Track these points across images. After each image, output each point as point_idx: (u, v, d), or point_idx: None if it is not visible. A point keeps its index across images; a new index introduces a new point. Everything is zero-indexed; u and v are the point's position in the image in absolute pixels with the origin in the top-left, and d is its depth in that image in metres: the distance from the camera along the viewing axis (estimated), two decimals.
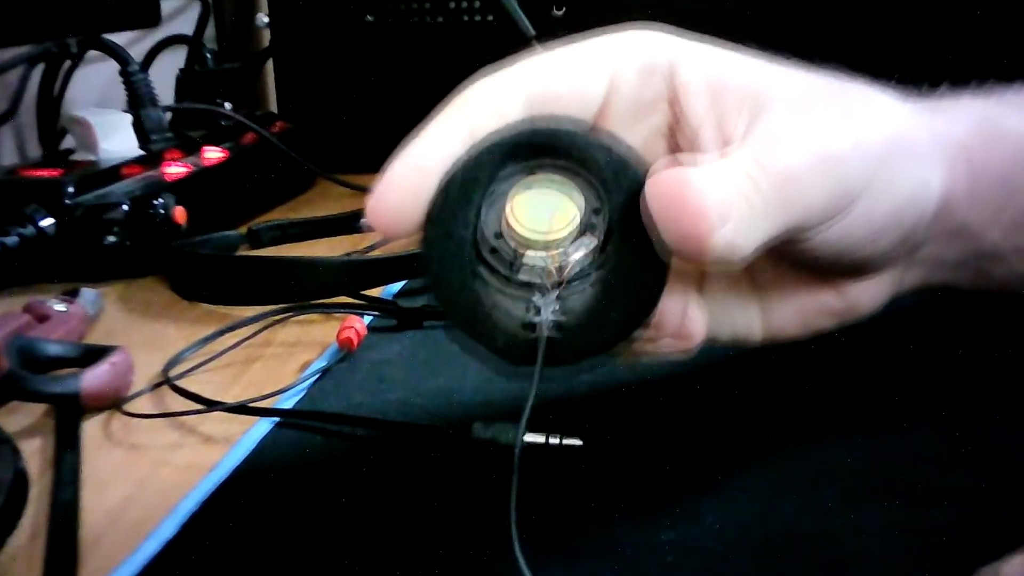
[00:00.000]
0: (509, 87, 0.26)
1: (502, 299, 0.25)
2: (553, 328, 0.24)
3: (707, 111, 0.27)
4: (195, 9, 0.86)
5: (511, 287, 0.25)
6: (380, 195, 0.25)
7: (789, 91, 0.27)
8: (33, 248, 0.52)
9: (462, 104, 0.26)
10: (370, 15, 0.77)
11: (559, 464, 0.31)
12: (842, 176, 0.25)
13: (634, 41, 0.28)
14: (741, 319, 0.30)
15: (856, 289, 0.29)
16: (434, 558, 0.27)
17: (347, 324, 0.43)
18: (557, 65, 0.27)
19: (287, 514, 0.30)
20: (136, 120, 0.62)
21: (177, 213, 0.56)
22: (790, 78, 0.27)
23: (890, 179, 0.27)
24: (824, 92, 0.27)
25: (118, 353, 0.40)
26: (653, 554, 0.27)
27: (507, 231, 0.25)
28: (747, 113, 0.26)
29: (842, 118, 0.26)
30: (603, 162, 0.24)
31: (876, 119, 0.27)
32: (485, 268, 0.25)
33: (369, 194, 0.25)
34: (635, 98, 0.27)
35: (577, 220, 0.24)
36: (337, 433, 0.36)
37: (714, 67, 0.27)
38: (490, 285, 0.25)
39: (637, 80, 0.27)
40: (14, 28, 0.59)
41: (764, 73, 0.27)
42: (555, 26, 0.74)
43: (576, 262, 0.24)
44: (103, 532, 0.30)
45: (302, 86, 0.82)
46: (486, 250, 0.25)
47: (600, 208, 0.25)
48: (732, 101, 0.27)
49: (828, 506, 0.29)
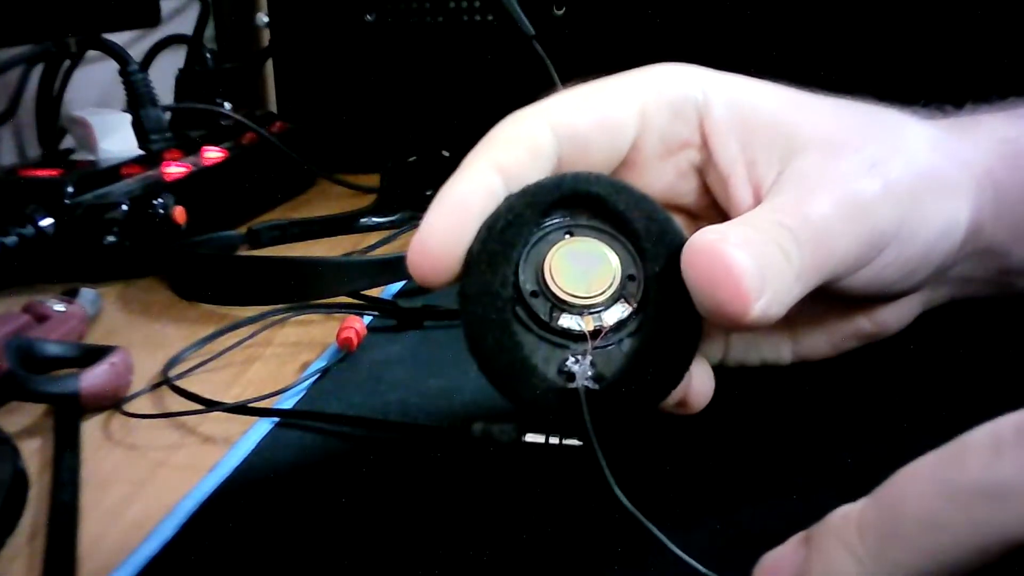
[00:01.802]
0: (540, 124, 0.26)
1: (539, 348, 0.25)
2: (591, 380, 0.24)
3: (737, 154, 0.27)
4: (195, 9, 0.86)
5: (549, 335, 0.25)
6: (420, 244, 0.25)
7: (818, 132, 0.26)
8: (32, 248, 0.52)
9: (495, 143, 0.26)
10: (370, 15, 0.77)
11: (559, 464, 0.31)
12: (874, 223, 0.25)
13: (664, 78, 0.28)
14: (770, 349, 0.30)
15: (885, 311, 0.30)
16: (434, 558, 0.27)
17: (347, 324, 0.43)
18: (588, 102, 0.27)
19: (287, 514, 0.30)
20: (136, 120, 0.62)
21: (177, 213, 0.56)
22: (819, 117, 0.27)
23: (921, 219, 0.26)
24: (853, 130, 0.27)
25: (117, 353, 0.40)
26: (653, 554, 0.27)
27: (544, 291, 0.25)
28: (777, 158, 0.26)
29: (871, 163, 0.26)
30: (642, 229, 0.25)
31: (905, 158, 0.27)
32: (520, 321, 0.25)
33: (409, 243, 0.25)
34: (665, 136, 0.27)
35: (614, 287, 0.25)
36: (337, 433, 0.36)
37: (744, 107, 0.27)
38: (528, 334, 0.25)
39: (668, 118, 0.27)
40: (13, 28, 0.59)
41: (793, 112, 0.27)
42: (555, 26, 0.74)
43: (610, 327, 0.25)
44: (102, 532, 0.30)
45: (302, 86, 0.82)
46: (522, 304, 0.25)
47: (635, 275, 0.25)
48: (762, 143, 0.27)
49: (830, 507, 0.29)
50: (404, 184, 0.65)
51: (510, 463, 0.32)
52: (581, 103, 0.27)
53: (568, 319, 0.25)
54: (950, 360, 0.38)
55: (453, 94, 0.77)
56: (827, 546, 0.18)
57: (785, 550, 0.19)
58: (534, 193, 0.25)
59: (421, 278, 0.25)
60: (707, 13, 0.72)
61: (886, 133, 0.28)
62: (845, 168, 0.26)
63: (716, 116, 0.27)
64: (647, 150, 0.27)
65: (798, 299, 0.24)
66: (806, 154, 0.26)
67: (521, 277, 0.25)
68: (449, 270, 0.25)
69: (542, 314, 0.25)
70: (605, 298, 0.24)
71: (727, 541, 0.28)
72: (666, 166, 0.28)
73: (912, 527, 0.17)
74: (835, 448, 0.32)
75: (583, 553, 0.28)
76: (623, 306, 0.25)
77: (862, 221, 0.25)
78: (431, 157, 0.65)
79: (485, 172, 0.25)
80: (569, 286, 0.24)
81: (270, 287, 0.48)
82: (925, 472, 0.17)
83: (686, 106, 0.27)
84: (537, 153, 0.26)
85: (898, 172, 0.26)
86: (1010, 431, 0.16)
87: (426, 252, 0.25)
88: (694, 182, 0.29)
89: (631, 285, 0.25)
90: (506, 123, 0.27)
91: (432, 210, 0.25)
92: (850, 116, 0.28)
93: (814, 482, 0.30)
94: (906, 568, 0.17)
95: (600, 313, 0.25)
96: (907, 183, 0.26)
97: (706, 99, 0.27)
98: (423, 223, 0.25)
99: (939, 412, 0.34)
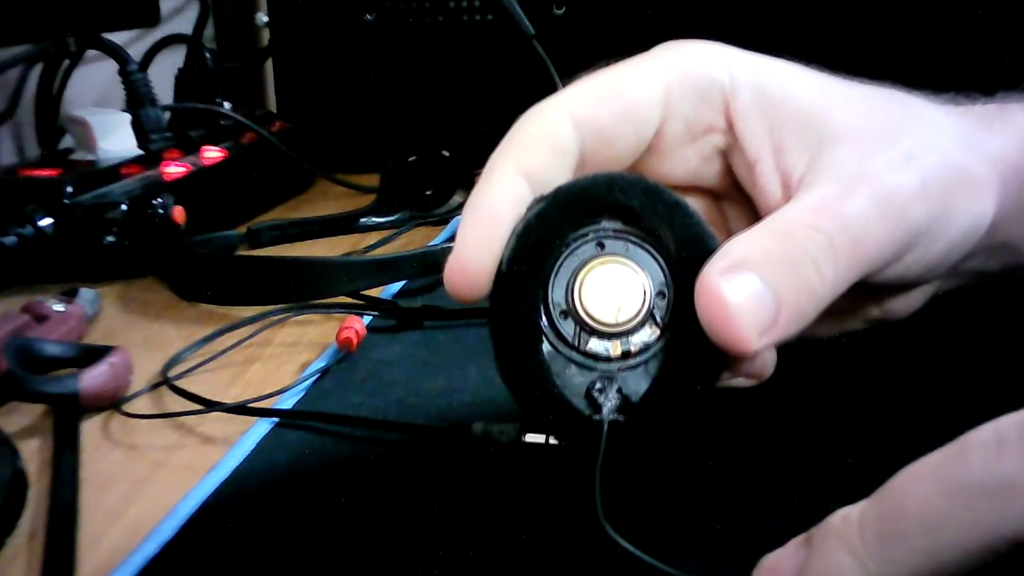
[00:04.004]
0: (561, 119, 0.26)
1: (567, 369, 0.25)
2: (615, 412, 0.24)
3: (765, 139, 0.26)
4: (194, 8, 0.86)
5: (577, 355, 0.25)
6: (457, 261, 0.24)
7: (851, 123, 0.26)
8: (32, 248, 0.52)
9: (517, 143, 0.26)
10: (369, 14, 0.77)
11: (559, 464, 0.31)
12: (909, 222, 0.24)
13: (688, 60, 0.27)
14: None
15: (894, 300, 0.29)
16: (434, 558, 0.27)
17: (347, 324, 0.43)
18: (610, 91, 0.26)
19: (287, 514, 0.30)
20: (135, 120, 0.62)
21: (176, 213, 0.56)
22: (850, 105, 0.26)
23: (950, 217, 0.26)
24: (887, 122, 0.26)
25: (117, 353, 0.40)
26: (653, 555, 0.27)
27: (573, 312, 0.25)
28: (807, 147, 0.25)
29: (907, 157, 0.25)
30: (674, 245, 0.24)
31: (939, 153, 0.26)
32: (549, 341, 0.25)
33: (446, 259, 0.25)
34: (690, 121, 0.27)
35: (644, 311, 0.24)
36: (337, 433, 0.35)
37: (772, 91, 0.26)
38: (556, 355, 0.25)
39: (693, 103, 0.26)
40: (13, 27, 0.59)
41: (823, 99, 0.26)
42: (555, 26, 0.74)
43: (637, 348, 0.24)
44: (102, 532, 0.30)
45: (301, 85, 0.82)
46: (551, 323, 0.25)
47: (666, 293, 0.25)
48: (792, 130, 0.26)
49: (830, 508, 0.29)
50: (404, 184, 0.65)
51: (510, 463, 0.32)
52: (603, 93, 0.26)
53: (597, 343, 0.25)
54: (951, 360, 0.38)
55: (453, 94, 0.77)
56: (827, 547, 0.18)
57: (785, 551, 0.19)
58: (564, 202, 0.25)
59: (459, 295, 0.25)
60: (707, 12, 0.72)
61: (919, 126, 0.26)
62: (881, 163, 0.25)
63: (743, 100, 0.26)
64: (671, 136, 0.27)
65: (826, 306, 0.23)
66: (839, 145, 0.25)
67: (551, 296, 0.25)
68: (486, 285, 0.24)
69: (570, 336, 0.25)
70: (635, 323, 0.24)
71: (728, 544, 0.28)
72: (690, 151, 0.27)
73: (914, 526, 0.17)
74: (836, 450, 0.32)
75: (583, 553, 0.27)
76: (651, 328, 0.25)
77: (899, 219, 0.24)
78: (431, 157, 0.65)
79: (511, 177, 0.25)
80: (599, 311, 0.24)
81: (270, 287, 0.48)
82: (927, 471, 0.17)
83: (712, 89, 0.26)
84: (560, 151, 0.25)
85: (934, 168, 0.25)
86: (1013, 429, 0.16)
87: (464, 270, 0.24)
88: (718, 165, 0.28)
89: (660, 304, 0.25)
90: (526, 120, 0.26)
91: (463, 224, 0.25)
92: (882, 107, 0.27)
93: (814, 485, 0.30)
94: (908, 567, 0.17)
95: (628, 337, 0.24)
96: (942, 180, 0.25)
97: (732, 81, 0.26)
98: (458, 239, 0.25)
99: (940, 412, 0.34)
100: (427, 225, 0.64)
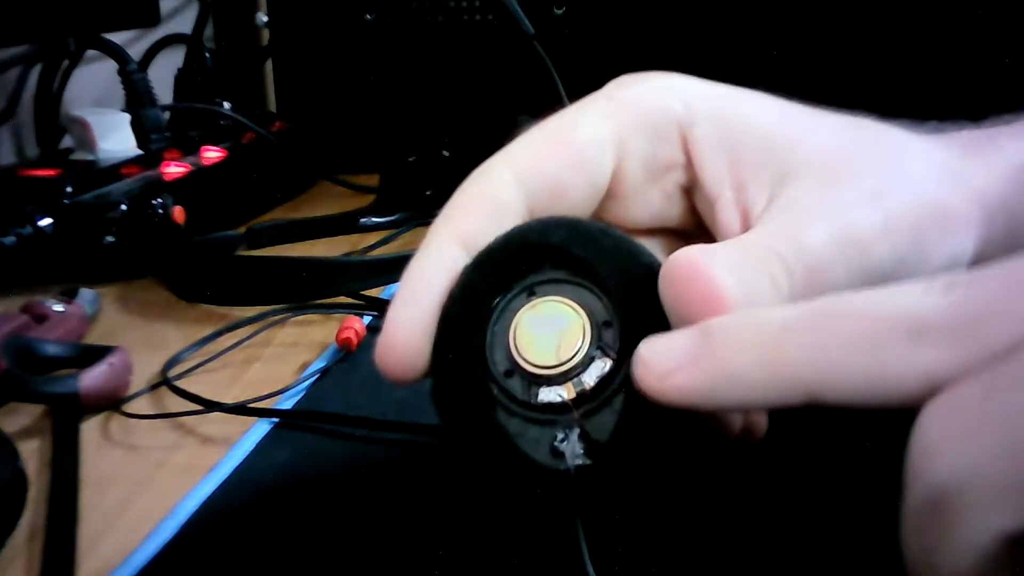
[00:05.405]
0: (502, 179, 0.24)
1: (527, 430, 0.22)
2: (582, 456, 0.22)
3: (725, 175, 0.25)
4: (194, 8, 0.86)
5: (532, 412, 0.22)
6: (385, 343, 0.23)
7: (815, 155, 0.24)
8: (31, 248, 0.52)
9: (455, 209, 0.24)
10: (370, 15, 0.77)
11: None
12: (872, 258, 0.23)
13: (640, 96, 0.25)
14: None
15: None
16: (434, 558, 0.27)
17: (346, 324, 0.43)
18: (555, 139, 0.25)
19: (286, 515, 0.30)
20: (135, 120, 0.62)
21: (176, 213, 0.56)
22: (816, 137, 0.25)
23: (922, 255, 0.24)
24: (854, 154, 0.25)
25: (117, 353, 0.40)
26: (654, 563, 0.27)
27: (516, 368, 0.23)
28: (768, 182, 0.24)
29: (873, 193, 0.24)
30: (607, 268, 0.23)
31: (910, 188, 0.24)
32: (502, 407, 0.23)
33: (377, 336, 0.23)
34: (648, 160, 0.25)
35: (587, 343, 0.22)
36: (337, 433, 0.35)
37: (733, 122, 0.25)
38: (511, 418, 0.23)
39: (648, 141, 0.25)
40: (12, 27, 0.59)
41: (788, 130, 0.25)
42: (555, 26, 0.74)
43: (593, 387, 0.22)
44: (102, 533, 0.30)
45: (301, 85, 0.82)
46: (499, 388, 0.23)
47: (610, 320, 0.22)
48: (753, 164, 0.24)
49: (831, 507, 0.29)
50: (404, 184, 0.65)
51: None
52: (549, 143, 0.25)
53: (547, 392, 0.22)
54: None
55: (453, 94, 0.77)
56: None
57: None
58: (486, 260, 0.23)
59: (393, 378, 0.23)
60: (707, 12, 0.72)
61: (890, 159, 0.25)
62: (844, 197, 0.23)
63: (701, 132, 0.25)
64: (629, 178, 0.25)
65: None
66: (801, 179, 0.24)
67: (490, 360, 0.23)
68: (421, 366, 0.23)
69: (520, 394, 0.22)
70: (580, 358, 0.22)
71: (730, 544, 0.27)
72: (652, 191, 0.26)
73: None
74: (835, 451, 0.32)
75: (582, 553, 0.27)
76: (602, 360, 0.22)
77: (859, 255, 0.23)
78: (431, 157, 0.65)
79: (446, 246, 0.24)
80: (539, 357, 0.22)
81: (270, 287, 0.48)
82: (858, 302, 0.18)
83: (667, 124, 0.25)
84: (500, 211, 0.24)
85: (901, 204, 0.24)
86: (941, 281, 0.17)
87: (394, 351, 0.23)
88: (683, 203, 0.27)
89: (608, 333, 0.22)
90: (468, 182, 0.25)
91: (394, 303, 0.23)
92: (851, 139, 0.25)
93: (815, 485, 0.30)
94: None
95: (580, 376, 0.22)
96: (910, 217, 0.24)
97: (690, 114, 0.25)
98: (387, 318, 0.23)
99: None
100: (427, 225, 0.62)
